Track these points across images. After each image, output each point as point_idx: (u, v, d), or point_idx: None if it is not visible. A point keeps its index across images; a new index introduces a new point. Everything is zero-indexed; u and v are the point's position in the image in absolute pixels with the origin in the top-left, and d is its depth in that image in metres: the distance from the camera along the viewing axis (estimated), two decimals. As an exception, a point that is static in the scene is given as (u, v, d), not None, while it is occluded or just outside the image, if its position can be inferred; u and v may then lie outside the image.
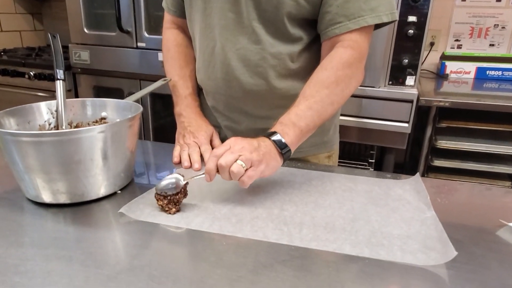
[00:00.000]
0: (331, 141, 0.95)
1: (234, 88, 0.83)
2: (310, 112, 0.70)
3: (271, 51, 0.78)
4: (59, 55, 0.77)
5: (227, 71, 0.81)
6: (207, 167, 0.61)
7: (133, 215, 0.60)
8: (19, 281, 0.46)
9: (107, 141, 0.62)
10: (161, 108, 2.00)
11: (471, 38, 2.03)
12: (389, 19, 0.74)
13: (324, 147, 0.93)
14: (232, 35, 0.78)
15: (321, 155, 0.93)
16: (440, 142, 1.62)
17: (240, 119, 0.89)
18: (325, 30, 0.76)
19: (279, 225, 0.59)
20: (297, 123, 0.69)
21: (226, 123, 0.92)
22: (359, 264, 0.50)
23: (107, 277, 0.46)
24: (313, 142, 0.88)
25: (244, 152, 0.61)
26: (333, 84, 0.73)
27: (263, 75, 0.80)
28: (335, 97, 0.73)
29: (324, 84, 0.73)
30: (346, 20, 0.73)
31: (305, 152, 0.90)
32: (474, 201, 0.71)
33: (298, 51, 0.80)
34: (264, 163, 0.63)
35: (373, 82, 1.58)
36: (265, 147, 0.64)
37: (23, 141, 0.58)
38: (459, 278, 0.48)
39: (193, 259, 0.50)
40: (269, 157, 0.64)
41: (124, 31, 1.87)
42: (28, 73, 2.10)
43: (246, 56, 0.79)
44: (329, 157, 0.95)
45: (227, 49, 0.80)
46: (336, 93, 0.73)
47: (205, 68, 0.86)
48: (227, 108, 0.89)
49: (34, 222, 0.59)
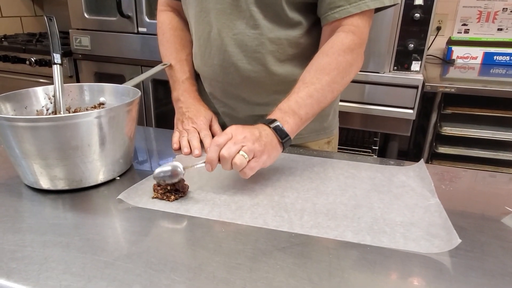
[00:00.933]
0: (330, 126, 0.93)
1: (231, 75, 0.81)
2: (310, 100, 0.69)
3: (269, 36, 0.76)
4: (56, 38, 0.75)
5: (224, 57, 0.79)
6: (209, 157, 0.60)
7: (132, 201, 0.59)
8: (15, 267, 0.45)
9: (105, 126, 0.61)
10: (163, 95, 1.98)
11: (479, 22, 1.99)
12: (391, 2, 0.72)
13: (324, 132, 0.92)
14: (229, 20, 0.76)
15: (321, 141, 0.92)
16: (445, 129, 1.60)
17: (238, 106, 0.87)
18: (325, 15, 0.74)
19: (280, 212, 0.58)
20: (297, 111, 0.67)
21: (224, 109, 0.90)
22: (361, 251, 0.49)
23: (104, 264, 0.46)
24: (312, 128, 0.87)
25: (246, 142, 0.60)
26: (334, 71, 0.71)
27: (261, 61, 0.78)
28: (335, 84, 0.72)
29: (325, 70, 0.71)
30: (346, 4, 0.71)
31: (304, 138, 0.88)
32: (478, 188, 0.70)
33: (297, 36, 0.77)
34: (266, 154, 0.62)
35: (377, 68, 1.55)
36: (266, 136, 0.63)
37: (19, 126, 0.57)
38: (462, 266, 0.47)
39: (192, 246, 0.50)
40: (271, 147, 0.63)
41: (124, 16, 1.84)
42: (29, 59, 2.08)
43: (243, 42, 0.77)
44: (329, 143, 0.94)
45: (224, 34, 0.77)
46: (336, 80, 0.72)
47: (201, 54, 0.84)
48: (224, 95, 0.87)
49: (32, 208, 0.58)
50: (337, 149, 1.01)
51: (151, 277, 0.44)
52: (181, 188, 0.61)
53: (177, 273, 0.45)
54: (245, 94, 0.84)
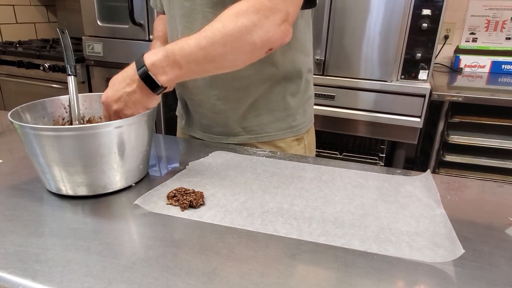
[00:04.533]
0: (299, 125, 0.96)
1: None
2: (200, 52, 0.65)
3: None
4: (69, 50, 0.78)
5: None
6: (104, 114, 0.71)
7: (148, 207, 0.62)
8: (40, 269, 0.48)
9: (124, 136, 0.64)
10: (172, 100, 2.02)
11: (487, 31, 2.00)
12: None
13: (291, 131, 0.95)
14: (189, 22, 0.84)
15: (288, 139, 0.95)
16: (452, 137, 1.61)
17: (203, 101, 0.92)
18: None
19: (289, 220, 0.60)
20: (181, 61, 0.65)
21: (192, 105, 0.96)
22: (368, 259, 0.51)
23: (123, 267, 0.48)
24: (279, 127, 0.93)
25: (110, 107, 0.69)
26: (231, 24, 0.65)
27: None
28: (229, 37, 0.65)
29: (219, 29, 0.66)
30: None
31: (271, 136, 0.93)
32: (484, 198, 0.71)
33: None
34: (130, 110, 0.68)
35: (385, 76, 1.57)
36: (133, 93, 0.68)
37: (44, 135, 0.60)
38: (467, 275, 0.49)
39: (206, 251, 0.52)
40: (135, 102, 0.68)
41: (136, 24, 1.89)
42: (43, 65, 2.14)
43: None
44: (298, 140, 0.97)
45: (185, 35, 0.75)
46: (231, 33, 0.65)
47: None
48: (191, 91, 0.92)
49: (53, 213, 0.61)
50: (314, 148, 1.05)
51: (167, 280, 0.46)
52: (195, 202, 0.63)
53: (192, 277, 0.47)
54: (206, 89, 0.90)
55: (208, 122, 0.95)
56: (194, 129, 1.00)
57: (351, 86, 1.66)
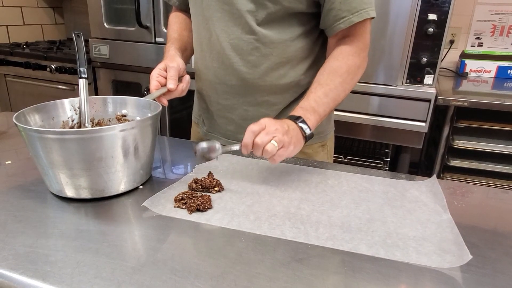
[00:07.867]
0: (324, 131, 0.99)
1: (228, 76, 0.88)
2: (326, 99, 0.78)
3: (263, 41, 0.83)
4: (82, 53, 0.79)
5: (222, 60, 0.87)
6: (244, 141, 0.67)
7: (156, 209, 0.63)
8: (50, 270, 0.48)
9: (128, 139, 0.65)
10: (178, 102, 2.02)
11: (493, 36, 1.99)
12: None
13: (318, 137, 0.96)
14: (227, 26, 0.84)
15: (315, 144, 0.97)
16: (457, 142, 1.60)
17: (233, 107, 0.92)
18: (331, 26, 0.81)
19: (296, 224, 0.60)
20: (317, 109, 0.76)
21: (220, 112, 0.95)
22: (375, 264, 0.51)
23: (132, 269, 0.49)
24: None
25: (277, 133, 0.67)
26: (345, 73, 0.81)
27: (255, 63, 0.85)
28: (346, 85, 0.82)
29: (338, 73, 0.80)
30: (349, 14, 0.79)
31: None
32: (490, 204, 0.71)
33: (291, 41, 0.84)
34: (293, 145, 0.69)
35: (390, 81, 1.57)
36: (293, 130, 0.71)
37: (48, 138, 0.60)
38: (474, 281, 0.49)
39: (214, 254, 0.52)
40: (296, 140, 0.71)
41: (143, 26, 1.90)
42: (50, 66, 2.15)
43: (239, 46, 0.84)
44: (323, 146, 0.99)
45: (222, 39, 0.85)
46: (347, 81, 0.81)
47: (203, 57, 0.92)
48: (221, 96, 0.92)
49: (62, 214, 0.62)
50: (333, 151, 1.07)
51: (176, 283, 0.47)
52: (202, 206, 0.63)
53: (200, 280, 0.47)
54: (240, 95, 0.90)
55: (235, 129, 0.94)
56: (216, 135, 0.99)
57: (356, 90, 1.65)
